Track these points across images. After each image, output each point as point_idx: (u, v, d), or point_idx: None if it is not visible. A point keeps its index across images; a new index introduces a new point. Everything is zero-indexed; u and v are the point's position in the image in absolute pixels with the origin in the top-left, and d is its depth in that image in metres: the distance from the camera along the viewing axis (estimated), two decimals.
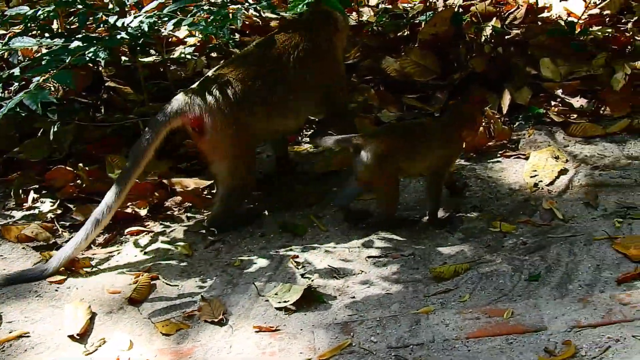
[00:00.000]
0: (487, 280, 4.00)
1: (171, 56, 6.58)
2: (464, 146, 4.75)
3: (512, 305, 3.76)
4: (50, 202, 5.04)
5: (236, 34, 6.88)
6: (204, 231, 4.71)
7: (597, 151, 5.08)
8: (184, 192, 4.97)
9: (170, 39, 6.82)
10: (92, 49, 4.47)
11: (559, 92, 5.64)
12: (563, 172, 4.90)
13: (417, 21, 6.28)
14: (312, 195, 4.94)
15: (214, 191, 5.09)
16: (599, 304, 3.67)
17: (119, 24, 4.69)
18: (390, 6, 6.89)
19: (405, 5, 6.87)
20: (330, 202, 4.82)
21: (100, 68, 6.17)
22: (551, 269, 4.02)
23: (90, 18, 4.88)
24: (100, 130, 5.58)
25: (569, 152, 5.10)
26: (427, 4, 6.68)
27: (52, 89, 5.93)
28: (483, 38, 6.11)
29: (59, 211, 4.96)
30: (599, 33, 6.06)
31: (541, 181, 4.82)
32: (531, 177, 4.87)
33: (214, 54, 6.53)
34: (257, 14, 6.43)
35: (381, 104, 5.79)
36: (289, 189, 5.08)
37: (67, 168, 5.15)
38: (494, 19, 6.35)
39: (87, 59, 4.44)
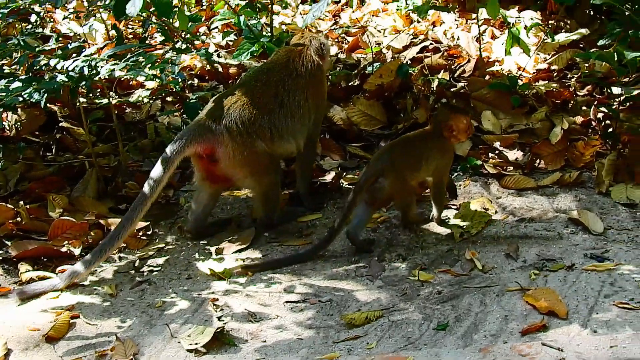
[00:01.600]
0: (396, 328, 4.06)
1: (129, 99, 6.74)
2: (453, 152, 5.06)
3: (415, 353, 3.81)
4: None
5: (195, 79, 7.04)
6: (132, 271, 4.80)
7: (527, 203, 5.17)
8: None
9: (131, 82, 6.99)
10: (28, 90, 4.61)
11: (497, 144, 5.74)
12: (490, 223, 4.97)
13: (367, 72, 6.40)
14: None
15: (150, 232, 5.20)
16: (498, 355, 3.72)
17: (59, 66, 4.83)
18: (344, 56, 7.03)
19: (360, 55, 7.01)
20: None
21: (55, 108, 6.32)
22: (460, 318, 4.09)
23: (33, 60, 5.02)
24: (46, 170, 5.70)
25: (500, 204, 5.19)
26: (379, 55, 6.81)
27: (7, 127, 6.08)
28: (429, 90, 6.24)
29: None
30: (542, 88, 6.17)
31: (468, 231, 4.90)
32: (459, 227, 4.95)
33: (169, 98, 6.67)
34: (214, 61, 6.57)
35: (324, 152, 5.90)
36: None
37: (8, 205, 5.25)
38: (442, 71, 6.47)
39: (21, 99, 4.57)
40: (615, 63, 5.45)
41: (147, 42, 6.88)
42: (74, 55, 4.98)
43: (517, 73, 6.58)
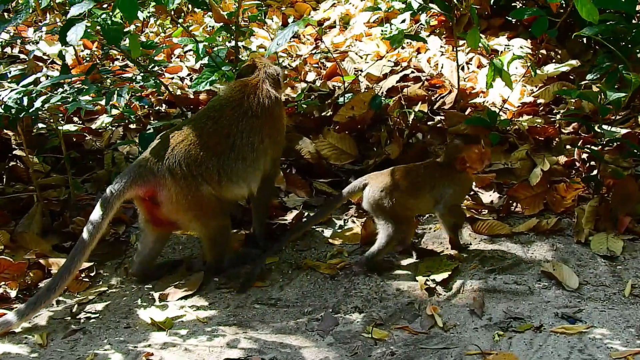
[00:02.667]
0: None
1: (92, 125, 6.41)
2: (470, 181, 4.81)
3: None
4: None
5: (163, 104, 6.70)
6: (69, 317, 4.44)
7: (499, 252, 4.79)
8: None
9: (95, 107, 6.65)
10: None
11: (472, 185, 5.36)
12: (457, 273, 4.60)
13: (340, 102, 6.04)
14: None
15: (93, 274, 4.85)
16: None
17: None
18: (319, 84, 6.67)
19: (336, 83, 6.65)
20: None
21: (11, 134, 5.99)
22: None
23: None
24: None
25: (470, 251, 4.81)
26: (354, 84, 6.45)
27: None
28: (405, 123, 5.87)
29: None
30: (525, 124, 5.80)
31: (433, 281, 4.52)
32: (423, 276, 4.57)
33: (133, 126, 6.33)
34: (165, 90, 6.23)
35: (289, 188, 5.54)
36: None
37: None
38: (420, 103, 6.10)
39: None
40: (597, 103, 5.06)
41: (109, 67, 6.59)
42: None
43: (501, 106, 6.21)
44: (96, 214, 4.33)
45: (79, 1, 4.44)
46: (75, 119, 6.53)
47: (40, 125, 6.06)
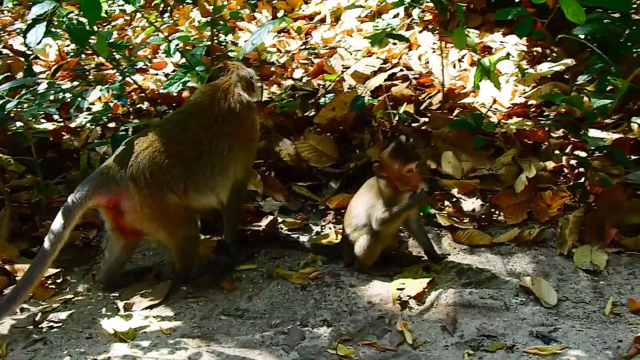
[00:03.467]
0: None
1: (71, 124, 6.26)
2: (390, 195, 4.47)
3: None
4: None
5: (145, 102, 6.54)
6: (31, 326, 4.30)
7: (478, 263, 4.61)
8: None
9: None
10: None
11: (455, 191, 5.18)
12: (433, 285, 4.42)
13: (321, 103, 5.85)
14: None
15: (59, 280, 4.70)
16: None
17: None
18: (302, 82, 6.49)
19: (321, 82, 6.46)
20: None
21: None
22: None
23: None
24: None
25: (447, 262, 4.63)
26: (339, 82, 6.27)
27: None
28: (390, 124, 5.69)
29: None
30: (513, 127, 5.59)
31: (407, 295, 4.34)
32: (397, 289, 4.39)
33: (112, 124, 6.16)
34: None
35: (266, 191, 5.37)
36: None
37: None
38: (405, 103, 5.90)
39: None
40: (583, 108, 4.86)
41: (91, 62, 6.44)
42: None
43: (491, 106, 6.01)
44: (57, 223, 4.18)
45: (40, 1, 4.26)
46: (56, 116, 6.36)
47: (19, 123, 5.91)
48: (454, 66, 6.77)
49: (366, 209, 4.51)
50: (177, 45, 4.95)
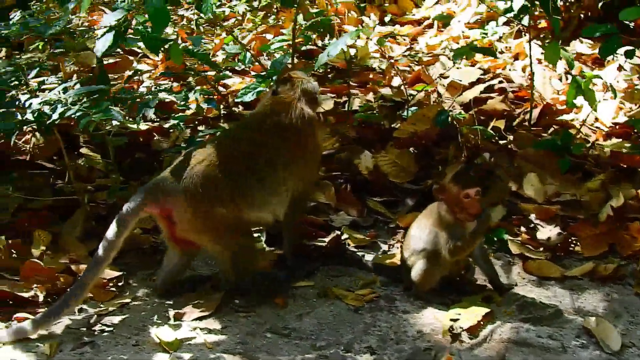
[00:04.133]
0: None
1: (165, 125, 6.38)
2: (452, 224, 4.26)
3: None
4: None
5: (239, 106, 6.56)
6: (84, 328, 4.38)
7: (544, 297, 4.33)
8: None
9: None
10: None
11: (533, 216, 4.90)
12: (489, 318, 4.18)
13: (405, 115, 5.68)
14: None
15: (121, 284, 4.78)
16: None
17: (27, 104, 4.51)
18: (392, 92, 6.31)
19: (415, 91, 6.27)
20: None
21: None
22: None
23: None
24: (46, 201, 5.40)
25: (511, 294, 4.38)
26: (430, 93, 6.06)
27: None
28: (477, 141, 5.45)
29: None
30: (607, 149, 5.22)
31: (460, 327, 4.13)
32: (451, 319, 4.19)
33: (201, 127, 6.23)
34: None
35: (340, 205, 5.26)
36: None
37: None
38: (495, 119, 5.63)
39: None
40: None
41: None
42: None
43: (586, 124, 5.65)
44: (111, 231, 4.24)
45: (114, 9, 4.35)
46: (154, 116, 6.49)
47: (114, 122, 6.07)
48: (560, 79, 6.41)
49: (426, 233, 4.33)
50: (249, 57, 4.92)
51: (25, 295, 4.63)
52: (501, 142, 5.51)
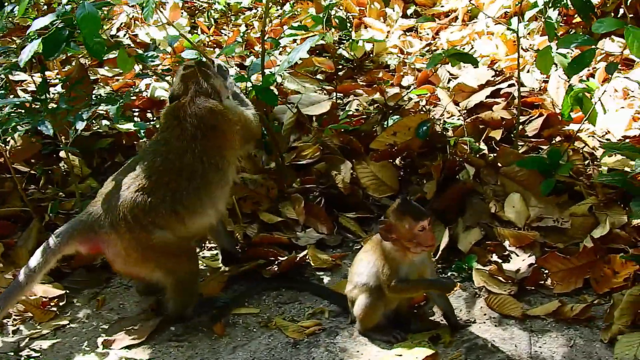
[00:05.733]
0: None
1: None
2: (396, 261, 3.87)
3: None
4: None
5: None
6: (12, 353, 4.23)
7: (500, 339, 3.91)
8: (27, 300, 4.50)
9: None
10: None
11: (507, 243, 4.44)
12: None
13: (385, 124, 5.27)
14: None
15: (62, 303, 4.61)
16: None
17: None
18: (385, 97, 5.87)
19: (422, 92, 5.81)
20: None
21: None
22: None
23: None
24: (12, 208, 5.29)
25: (464, 333, 3.97)
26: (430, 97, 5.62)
27: None
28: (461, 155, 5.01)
29: None
30: (604, 167, 4.69)
31: None
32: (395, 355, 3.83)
33: None
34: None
35: (309, 220, 4.93)
36: None
37: None
38: (490, 129, 5.16)
39: None
40: None
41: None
42: None
43: (603, 136, 5.11)
44: (33, 262, 4.07)
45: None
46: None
47: (104, 122, 5.91)
48: (580, 81, 5.82)
49: (369, 268, 3.96)
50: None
51: None
52: (493, 155, 5.03)
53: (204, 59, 4.50)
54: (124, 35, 7.43)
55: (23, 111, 4.51)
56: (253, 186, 5.05)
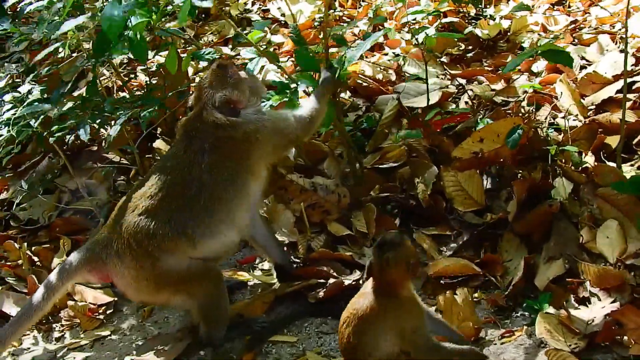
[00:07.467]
0: None
1: None
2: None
3: None
4: None
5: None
6: None
7: None
8: (75, 307, 4.39)
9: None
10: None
11: (588, 283, 3.67)
12: None
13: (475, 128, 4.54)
14: None
15: (110, 311, 4.46)
16: None
17: None
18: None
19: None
20: None
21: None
22: None
23: None
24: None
25: None
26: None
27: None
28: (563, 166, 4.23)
29: None
30: None
31: None
32: None
33: None
34: None
35: (379, 235, 4.38)
36: None
37: (16, 245, 4.92)
38: (603, 135, 4.32)
39: None
40: None
41: None
42: None
43: None
44: (39, 294, 3.89)
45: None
46: None
47: None
48: None
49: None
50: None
51: None
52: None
53: (222, 61, 4.05)
54: (257, 10, 7.14)
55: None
56: (323, 192, 4.58)
